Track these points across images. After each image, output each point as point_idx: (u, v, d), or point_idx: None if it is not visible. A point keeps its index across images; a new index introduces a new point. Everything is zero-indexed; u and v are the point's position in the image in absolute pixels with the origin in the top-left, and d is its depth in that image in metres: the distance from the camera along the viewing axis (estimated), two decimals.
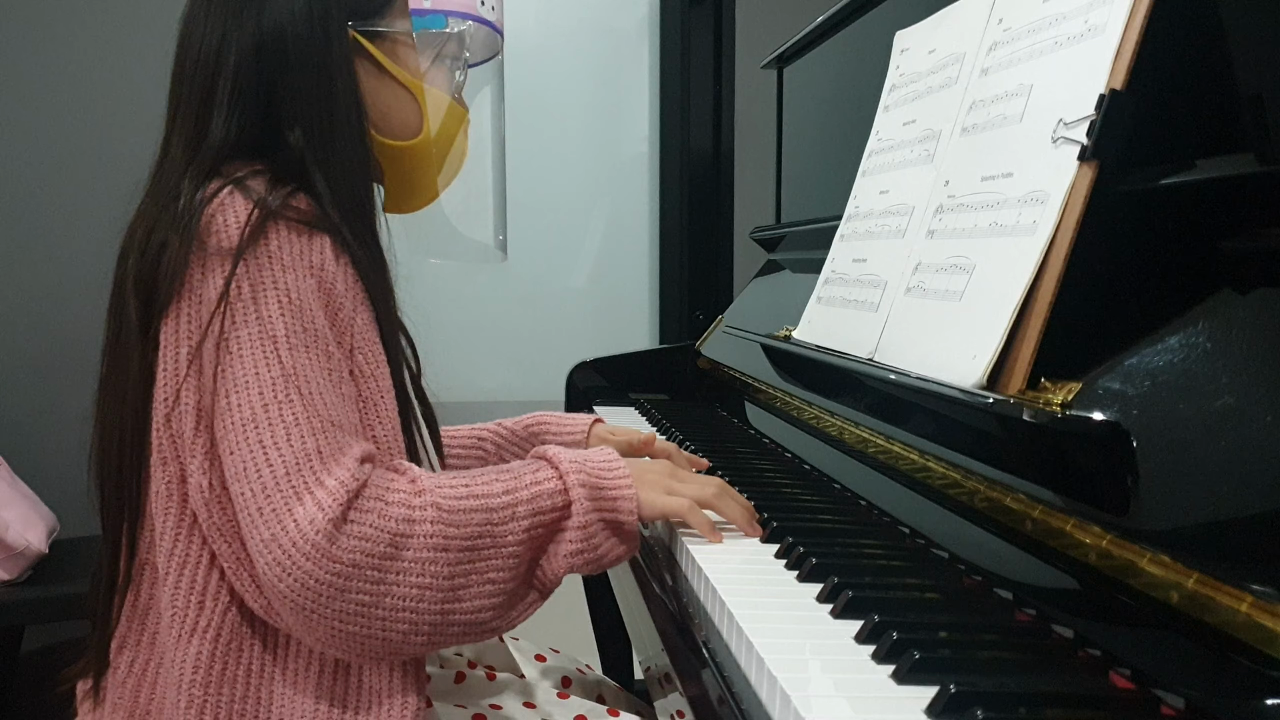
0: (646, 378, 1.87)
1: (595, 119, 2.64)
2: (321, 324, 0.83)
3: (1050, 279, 0.79)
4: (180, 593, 0.82)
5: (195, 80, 0.89)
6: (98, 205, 0.89)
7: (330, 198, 0.88)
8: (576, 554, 0.85)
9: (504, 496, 0.82)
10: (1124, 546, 0.64)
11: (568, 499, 0.85)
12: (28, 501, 1.94)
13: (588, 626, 1.82)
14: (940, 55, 1.12)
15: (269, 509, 0.75)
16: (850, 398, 1.11)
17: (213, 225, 0.82)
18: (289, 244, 0.83)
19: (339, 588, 0.75)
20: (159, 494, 0.83)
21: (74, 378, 0.90)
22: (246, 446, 0.77)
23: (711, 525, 0.91)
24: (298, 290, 0.82)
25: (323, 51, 0.89)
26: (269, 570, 0.75)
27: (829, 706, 0.58)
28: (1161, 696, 0.57)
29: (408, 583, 0.77)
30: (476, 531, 0.80)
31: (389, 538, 0.76)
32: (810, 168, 1.77)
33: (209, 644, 0.82)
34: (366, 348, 0.87)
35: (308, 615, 0.75)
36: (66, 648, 0.92)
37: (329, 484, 0.76)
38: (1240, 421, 0.61)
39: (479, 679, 1.04)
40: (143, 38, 2.17)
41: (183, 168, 0.87)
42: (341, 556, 0.74)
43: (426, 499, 0.79)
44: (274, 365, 0.79)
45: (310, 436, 0.77)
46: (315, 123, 0.88)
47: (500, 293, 2.57)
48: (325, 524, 0.74)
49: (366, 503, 0.77)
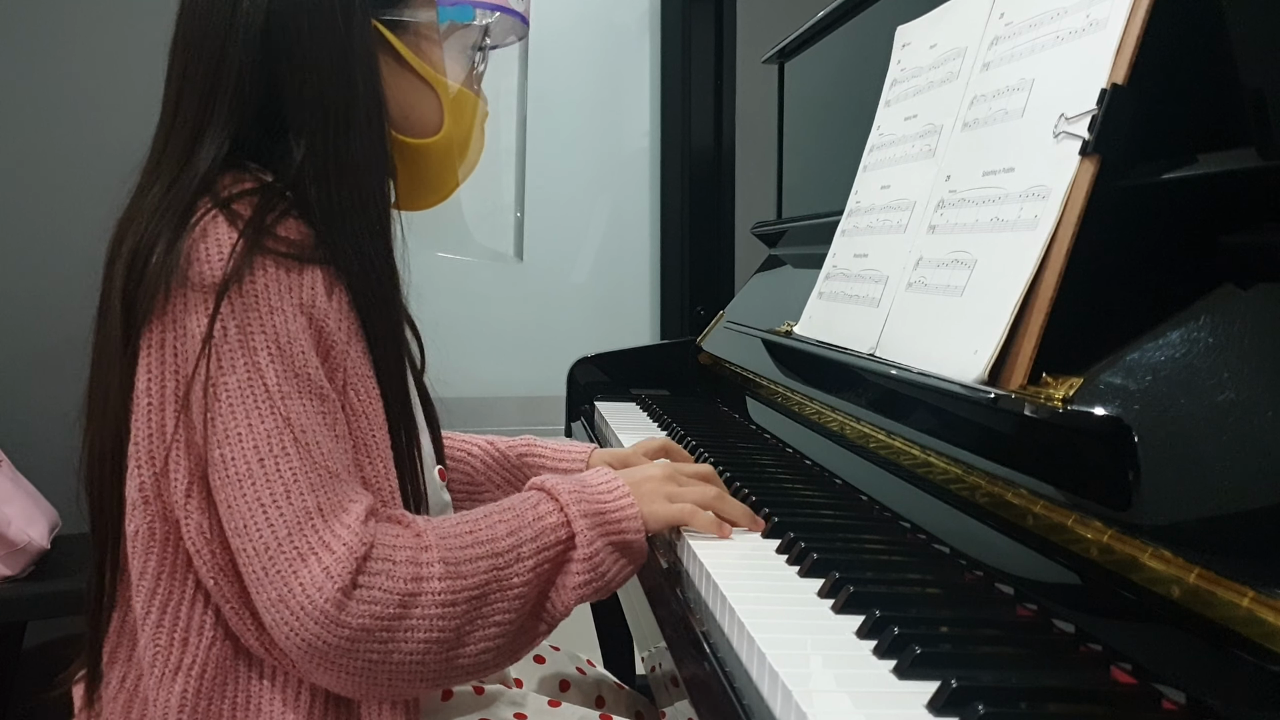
0: (648, 373, 1.87)
1: (596, 114, 2.64)
2: (314, 365, 0.79)
3: (1051, 274, 0.79)
4: (163, 632, 0.80)
5: (197, 68, 0.84)
6: (100, 199, 0.87)
7: (332, 212, 0.83)
8: (585, 585, 0.84)
9: (509, 539, 0.81)
10: (1125, 541, 0.64)
11: (571, 531, 0.83)
12: (29, 497, 1.95)
13: (589, 620, 1.82)
14: (942, 50, 1.12)
15: (274, 570, 0.74)
16: (851, 393, 1.11)
17: (194, 255, 0.77)
18: (276, 281, 0.78)
19: (347, 650, 0.74)
20: (139, 534, 0.80)
21: (75, 374, 0.89)
22: (244, 503, 0.75)
23: (718, 523, 0.90)
24: (287, 332, 0.78)
25: (342, 41, 0.84)
26: (276, 628, 0.74)
27: (830, 701, 0.58)
28: (1163, 691, 0.57)
29: (415, 639, 0.76)
30: (484, 580, 0.79)
31: (398, 599, 0.75)
32: (811, 163, 1.77)
33: (194, 681, 0.79)
34: (359, 383, 0.83)
35: (315, 665, 0.75)
36: (68, 643, 0.92)
37: (335, 548, 0.74)
38: (1242, 416, 0.61)
39: (467, 695, 1.02)
40: (139, 27, 2.16)
41: (175, 172, 0.83)
42: (350, 622, 0.74)
43: (433, 555, 0.77)
44: (267, 416, 0.76)
45: (310, 493, 0.75)
46: (327, 124, 0.83)
47: (501, 288, 2.56)
48: (334, 592, 0.73)
49: (374, 564, 0.75)
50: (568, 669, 1.16)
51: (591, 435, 1.65)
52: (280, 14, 0.83)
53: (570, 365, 1.85)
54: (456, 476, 1.15)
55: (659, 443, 1.14)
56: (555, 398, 1.88)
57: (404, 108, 0.91)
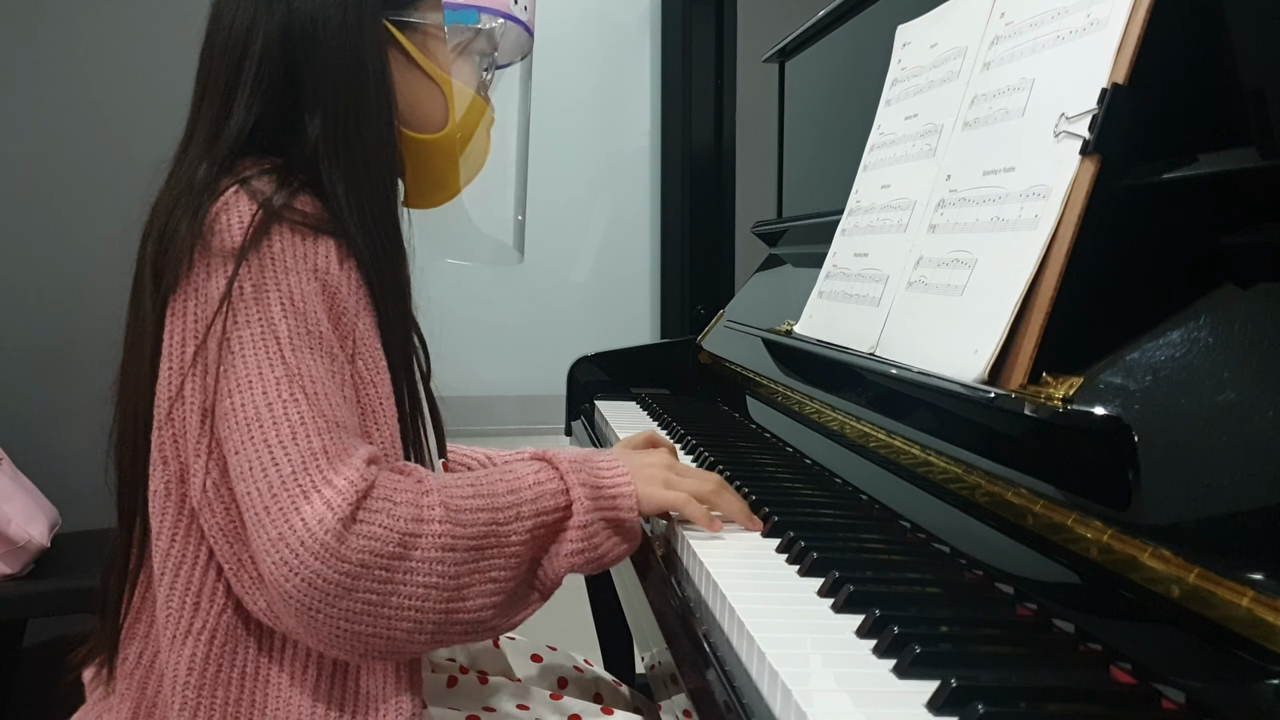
0: (648, 372, 1.87)
1: (596, 113, 2.64)
2: (325, 327, 0.82)
3: (1052, 273, 0.79)
4: (175, 594, 0.82)
5: (222, 64, 0.89)
6: (104, 201, 0.89)
7: (345, 193, 0.87)
8: (578, 553, 0.85)
9: (508, 496, 0.83)
10: (1125, 541, 0.64)
11: (569, 499, 0.85)
12: (29, 495, 1.95)
13: (588, 620, 1.82)
14: (942, 49, 1.12)
15: (275, 508, 0.75)
16: (851, 392, 1.11)
17: (216, 225, 0.82)
18: (292, 246, 0.83)
19: (346, 587, 0.74)
20: (156, 493, 0.83)
21: (76, 372, 0.90)
22: (252, 446, 0.77)
23: (710, 516, 0.91)
24: (300, 292, 0.82)
25: (355, 39, 0.89)
26: (275, 569, 0.74)
27: (830, 701, 0.58)
28: (1162, 691, 0.57)
29: (414, 582, 0.76)
30: (483, 531, 0.80)
31: (398, 537, 0.76)
32: (812, 162, 1.77)
33: (204, 646, 0.81)
34: (368, 354, 0.86)
35: (312, 615, 0.75)
36: (69, 641, 0.92)
37: (337, 483, 0.76)
38: (1242, 416, 0.61)
39: (471, 683, 1.03)
40: (154, 25, 2.16)
41: (202, 154, 0.87)
42: (350, 556, 0.74)
43: (434, 499, 0.79)
44: (277, 365, 0.79)
45: (316, 436, 0.77)
46: (340, 112, 0.88)
47: (501, 287, 2.56)
48: (334, 523, 0.74)
49: (375, 503, 0.77)
50: (566, 668, 1.16)
51: (592, 434, 1.65)
52: (298, 16, 0.88)
53: (570, 364, 1.85)
54: None
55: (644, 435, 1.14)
56: (555, 397, 1.88)
57: (411, 104, 0.95)
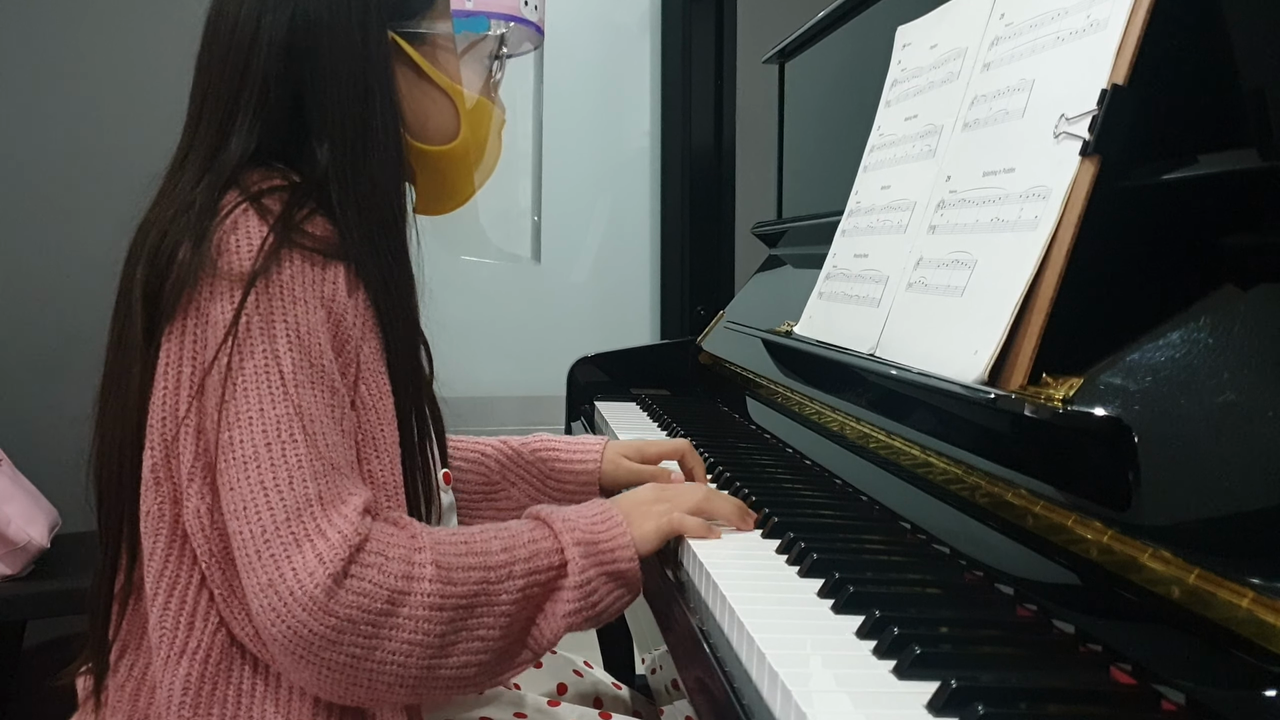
0: (648, 373, 1.87)
1: (596, 114, 2.64)
2: (329, 359, 0.81)
3: (1052, 274, 0.79)
4: (169, 614, 0.81)
5: (221, 81, 0.86)
6: (104, 201, 0.88)
7: (354, 215, 0.85)
8: (575, 613, 0.84)
9: (502, 554, 0.82)
10: (1125, 542, 0.64)
11: (563, 558, 0.84)
12: (29, 496, 1.95)
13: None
14: (942, 50, 1.12)
15: (267, 553, 0.74)
16: (851, 393, 1.11)
17: (224, 246, 0.80)
18: (301, 274, 0.81)
19: (331, 640, 0.74)
20: (149, 514, 0.82)
21: (76, 373, 0.90)
22: (247, 485, 0.76)
23: (706, 526, 0.90)
24: (307, 323, 0.80)
25: (360, 54, 0.87)
26: (263, 614, 0.74)
27: (830, 702, 0.58)
28: (1162, 691, 0.57)
29: (399, 639, 0.76)
30: (473, 590, 0.79)
31: (387, 594, 0.75)
32: (812, 163, 1.77)
33: (198, 665, 0.80)
34: (371, 378, 0.85)
35: (295, 659, 0.75)
36: (69, 642, 0.92)
37: (330, 535, 0.75)
38: (1242, 417, 0.61)
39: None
40: (156, 26, 2.16)
41: (200, 173, 0.85)
42: (338, 611, 0.74)
43: (426, 557, 0.78)
44: (279, 403, 0.78)
45: (312, 481, 0.76)
46: (347, 132, 0.86)
47: (501, 288, 2.56)
48: (325, 578, 0.73)
49: (368, 557, 0.76)
50: (565, 672, 1.16)
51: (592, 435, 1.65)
52: (301, 29, 0.86)
53: (570, 365, 1.85)
54: (472, 479, 1.15)
55: (677, 445, 1.14)
56: (555, 397, 1.88)
57: (422, 116, 0.94)
